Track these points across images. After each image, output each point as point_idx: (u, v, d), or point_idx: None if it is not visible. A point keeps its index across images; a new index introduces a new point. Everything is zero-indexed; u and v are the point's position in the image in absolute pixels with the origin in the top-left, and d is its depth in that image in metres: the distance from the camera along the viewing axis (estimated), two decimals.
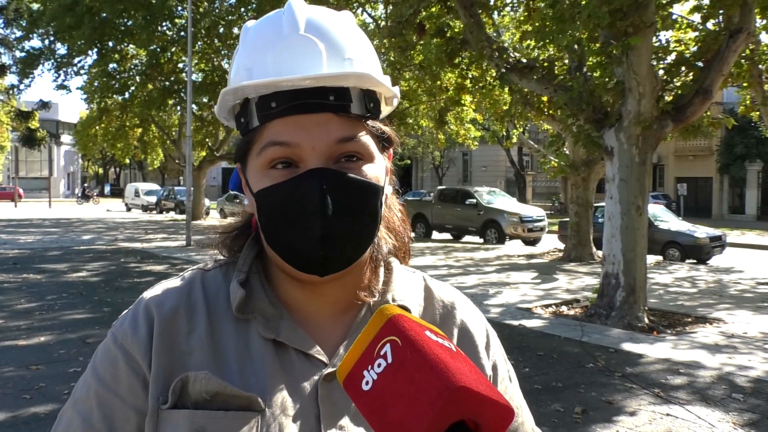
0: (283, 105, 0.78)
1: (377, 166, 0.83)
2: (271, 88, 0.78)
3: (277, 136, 0.79)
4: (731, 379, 5.83)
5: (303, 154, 0.79)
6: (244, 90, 0.80)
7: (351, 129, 0.80)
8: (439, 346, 0.61)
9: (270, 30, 0.83)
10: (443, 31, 11.03)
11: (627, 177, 8.18)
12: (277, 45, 0.80)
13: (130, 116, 25.20)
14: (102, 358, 0.84)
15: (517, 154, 42.44)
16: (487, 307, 9.02)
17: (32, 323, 7.61)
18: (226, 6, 22.02)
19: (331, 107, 0.79)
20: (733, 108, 20.31)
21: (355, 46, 0.84)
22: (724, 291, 11.03)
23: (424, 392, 0.58)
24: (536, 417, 1.03)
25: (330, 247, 0.78)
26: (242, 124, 0.83)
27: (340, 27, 0.83)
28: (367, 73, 0.80)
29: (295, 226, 0.78)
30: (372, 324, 0.64)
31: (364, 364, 0.62)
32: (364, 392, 0.61)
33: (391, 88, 0.85)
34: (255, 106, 0.80)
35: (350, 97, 0.80)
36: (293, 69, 0.79)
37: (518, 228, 19.08)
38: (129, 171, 71.27)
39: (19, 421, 4.56)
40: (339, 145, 0.79)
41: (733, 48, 7.85)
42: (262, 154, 0.80)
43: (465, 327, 0.93)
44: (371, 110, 0.83)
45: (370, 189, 0.81)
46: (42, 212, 34.18)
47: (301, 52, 0.80)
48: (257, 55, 0.82)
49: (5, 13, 26.49)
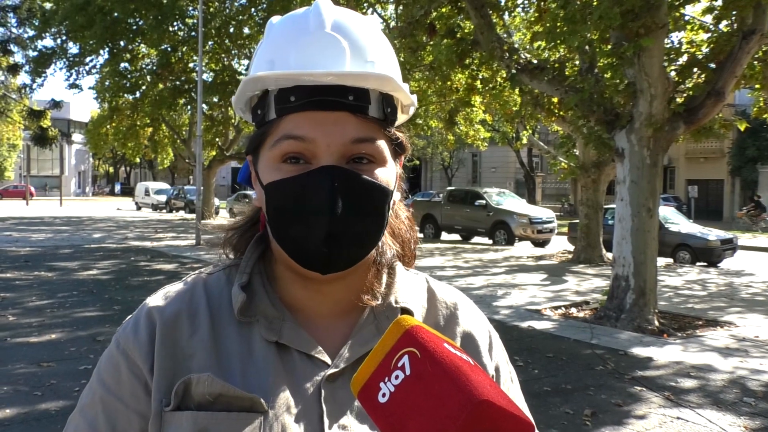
0: (302, 99, 0.78)
1: (388, 171, 0.83)
2: (292, 81, 0.79)
3: (293, 129, 0.79)
4: (742, 383, 5.78)
5: (317, 151, 0.79)
6: (264, 80, 0.80)
7: (367, 131, 0.80)
8: (458, 358, 0.60)
9: (295, 26, 0.83)
10: (454, 32, 11.01)
11: (638, 179, 8.14)
12: (302, 40, 0.81)
13: (140, 115, 25.30)
14: (106, 364, 0.85)
15: (526, 156, 42.34)
16: (495, 309, 9.00)
17: (44, 320, 7.67)
18: (236, 6, 22.09)
19: (349, 107, 0.79)
20: (746, 110, 20.20)
21: (378, 50, 0.84)
22: (735, 294, 10.95)
23: (444, 406, 0.57)
24: (545, 419, 1.03)
25: (335, 245, 0.78)
26: (258, 116, 0.84)
27: (365, 30, 0.84)
28: (388, 75, 0.80)
29: (302, 221, 0.78)
30: (389, 335, 0.63)
31: (380, 376, 0.61)
32: (381, 404, 0.60)
33: (410, 96, 0.85)
34: (273, 99, 0.81)
35: (369, 99, 0.80)
36: (316, 65, 0.79)
37: (527, 229, 19.02)
38: (139, 170, 71.69)
39: (30, 418, 4.59)
40: (354, 145, 0.79)
41: (746, 49, 7.79)
42: (276, 147, 0.80)
43: (468, 329, 0.93)
44: (388, 115, 0.83)
45: (380, 191, 0.81)
46: (53, 210, 34.42)
47: (325, 49, 0.80)
48: (281, 48, 0.82)
49: (18, 13, 26.70)
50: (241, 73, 24.07)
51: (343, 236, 0.78)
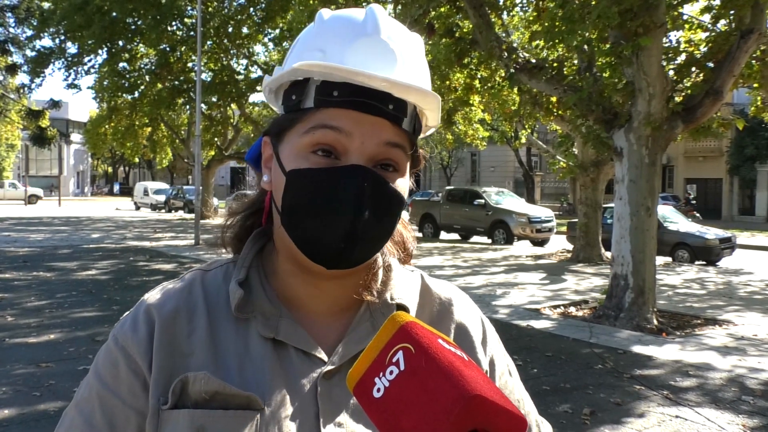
0: (346, 97, 0.79)
1: (405, 182, 0.85)
2: (343, 77, 0.79)
3: (331, 120, 0.79)
4: (741, 381, 5.79)
5: (350, 146, 0.79)
6: (312, 70, 0.80)
7: (399, 139, 0.82)
8: (452, 354, 0.61)
9: (352, 24, 0.83)
10: (452, 31, 11.02)
11: (636, 178, 8.15)
12: (359, 39, 0.81)
13: (139, 115, 25.30)
14: (103, 360, 0.85)
15: (525, 155, 42.37)
16: (494, 308, 9.00)
17: (42, 321, 7.66)
18: (235, 6, 22.09)
19: (387, 115, 0.80)
20: (744, 109, 20.19)
21: (422, 67, 0.86)
22: (734, 293, 10.96)
23: (438, 400, 0.57)
24: (544, 418, 1.03)
25: (350, 244, 0.79)
26: (293, 101, 0.83)
27: (413, 44, 0.86)
28: (433, 93, 0.82)
29: (323, 214, 0.78)
30: (384, 331, 0.64)
31: (375, 371, 0.62)
32: (376, 399, 0.61)
33: (438, 117, 0.87)
34: (315, 89, 0.80)
35: (406, 112, 0.82)
36: (369, 67, 0.79)
37: (526, 229, 19.04)
38: (138, 170, 71.63)
39: (28, 418, 4.59)
40: (386, 148, 0.80)
41: (744, 48, 7.80)
42: (309, 134, 0.80)
43: (461, 323, 0.93)
44: (417, 130, 0.85)
45: (400, 200, 0.82)
46: (52, 210, 34.39)
47: (380, 55, 0.81)
48: (335, 41, 0.82)
49: (17, 13, 26.67)
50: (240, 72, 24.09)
51: (360, 237, 0.79)
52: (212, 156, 27.52)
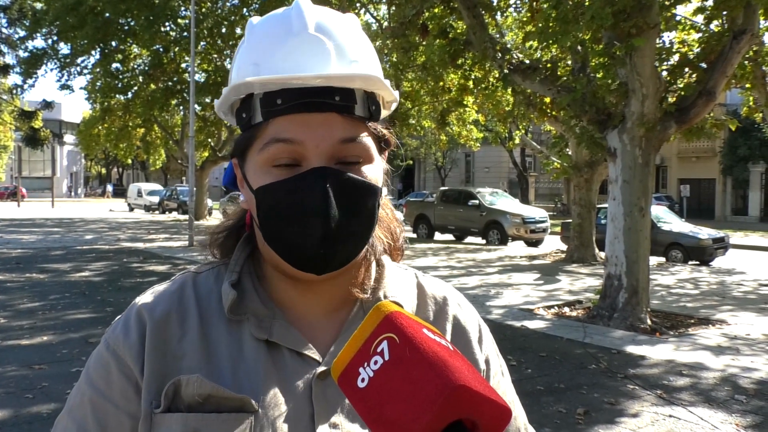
0: (290, 102, 0.78)
1: (376, 168, 0.84)
2: (280, 84, 0.78)
3: (281, 132, 0.79)
4: (734, 381, 5.81)
5: (306, 153, 0.79)
6: (251, 85, 0.80)
7: (354, 130, 0.81)
8: (437, 344, 0.61)
9: (278, 27, 0.82)
10: (446, 32, 11.02)
11: (630, 178, 8.17)
12: (287, 42, 0.80)
13: (132, 116, 25.24)
14: (95, 365, 0.84)
15: (519, 156, 42.43)
16: (489, 308, 9.01)
17: (35, 323, 7.62)
18: (228, 6, 22.06)
19: (336, 107, 0.79)
20: (737, 109, 20.31)
21: (360, 49, 0.84)
22: (727, 293, 11.01)
23: (422, 390, 0.57)
24: (538, 418, 1.03)
25: (330, 246, 0.78)
26: (244, 119, 0.83)
27: (346, 29, 0.84)
28: (374, 75, 0.81)
29: (295, 223, 0.78)
30: (368, 321, 0.63)
31: (359, 362, 0.62)
32: (360, 389, 0.61)
33: (393, 92, 0.86)
34: (259, 102, 0.80)
35: (355, 99, 0.80)
36: (302, 67, 0.79)
37: (521, 229, 19.06)
38: (132, 171, 71.43)
39: (21, 421, 4.56)
40: (342, 145, 0.79)
41: (736, 49, 7.84)
42: (265, 151, 0.80)
43: (458, 322, 0.93)
44: (373, 113, 0.83)
45: (370, 190, 0.81)
46: (45, 212, 34.24)
47: (311, 51, 0.80)
48: (265, 50, 0.81)
49: (9, 13, 26.56)
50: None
51: (337, 236, 0.78)
52: (206, 157, 27.47)
